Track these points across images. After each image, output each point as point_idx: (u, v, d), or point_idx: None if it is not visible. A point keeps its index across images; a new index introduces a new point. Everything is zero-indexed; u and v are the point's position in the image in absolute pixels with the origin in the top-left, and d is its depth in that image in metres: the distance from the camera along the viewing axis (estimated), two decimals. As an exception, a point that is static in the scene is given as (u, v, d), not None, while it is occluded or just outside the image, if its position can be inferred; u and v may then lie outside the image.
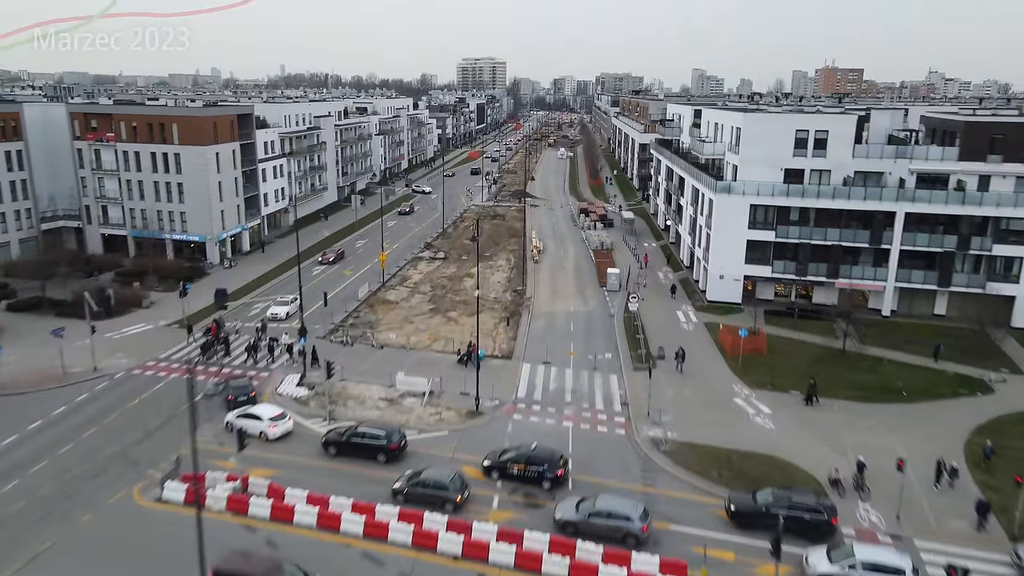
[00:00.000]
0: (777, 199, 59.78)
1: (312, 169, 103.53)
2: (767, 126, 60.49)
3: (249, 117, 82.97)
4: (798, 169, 60.03)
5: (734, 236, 61.40)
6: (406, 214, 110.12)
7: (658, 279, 74.04)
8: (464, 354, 49.72)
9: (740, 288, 62.54)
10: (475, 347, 49.44)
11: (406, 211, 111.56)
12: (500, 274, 75.19)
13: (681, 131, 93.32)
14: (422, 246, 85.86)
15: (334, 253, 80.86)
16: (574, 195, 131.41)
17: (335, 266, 77.70)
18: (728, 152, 65.34)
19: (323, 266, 77.42)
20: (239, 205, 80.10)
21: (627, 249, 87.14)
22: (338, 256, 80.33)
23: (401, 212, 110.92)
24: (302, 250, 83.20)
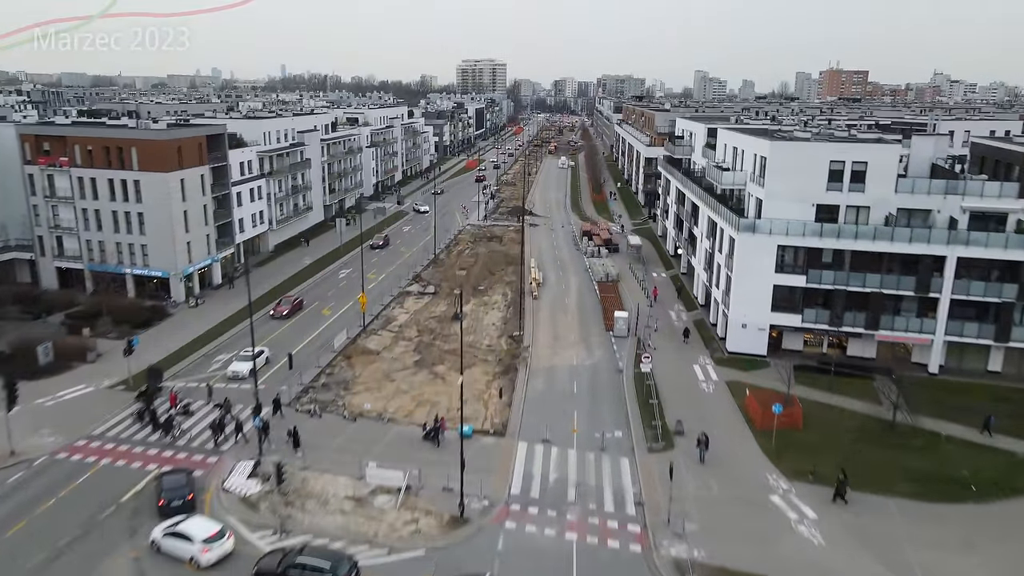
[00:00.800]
0: (809, 239, 52.51)
1: (295, 189, 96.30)
2: (797, 156, 53.23)
3: (220, 137, 75.68)
4: (832, 205, 52.79)
5: (759, 280, 54.15)
6: (379, 247, 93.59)
7: (670, 319, 66.78)
8: (431, 430, 42.52)
9: (765, 338, 55.29)
10: (443, 422, 42.62)
11: (379, 244, 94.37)
12: (495, 313, 67.88)
13: (692, 150, 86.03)
14: (410, 277, 78.51)
15: (289, 304, 66.85)
16: (576, 212, 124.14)
17: (290, 320, 65.08)
18: (750, 183, 58.09)
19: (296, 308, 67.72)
20: (209, 235, 72.85)
21: (634, 280, 79.88)
22: (294, 307, 66.82)
23: (374, 245, 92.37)
24: (279, 282, 77.44)
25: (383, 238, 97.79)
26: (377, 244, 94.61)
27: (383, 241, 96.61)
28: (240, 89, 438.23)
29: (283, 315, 65.50)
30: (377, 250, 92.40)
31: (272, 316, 65.27)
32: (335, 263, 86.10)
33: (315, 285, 76.53)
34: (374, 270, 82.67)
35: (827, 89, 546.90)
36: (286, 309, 66.31)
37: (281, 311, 66.06)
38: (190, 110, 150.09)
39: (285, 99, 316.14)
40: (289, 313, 66.05)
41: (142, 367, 51.23)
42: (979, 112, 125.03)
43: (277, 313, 65.72)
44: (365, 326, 62.54)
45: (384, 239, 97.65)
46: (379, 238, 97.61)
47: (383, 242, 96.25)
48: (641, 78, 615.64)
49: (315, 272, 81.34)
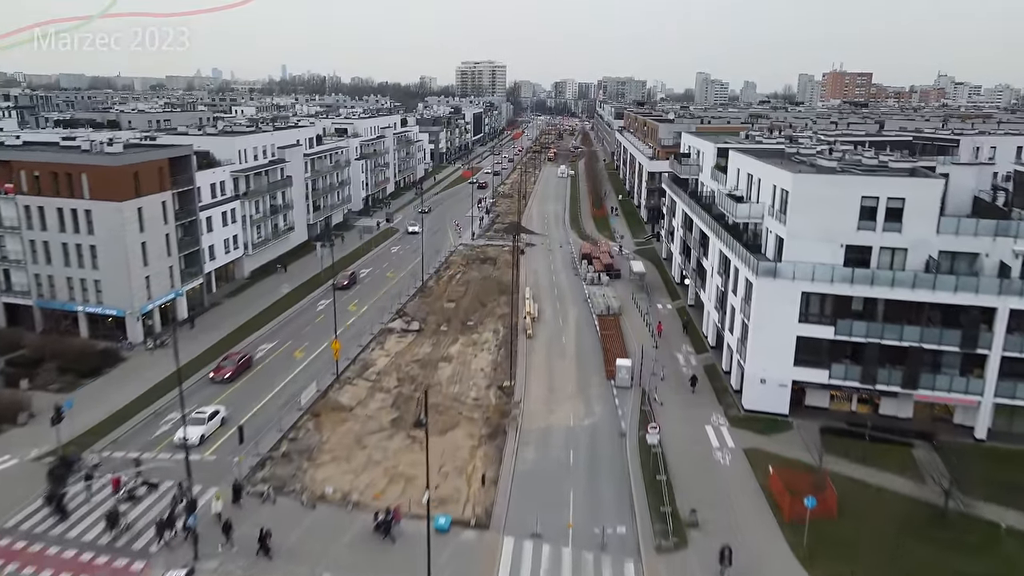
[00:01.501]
0: (838, 286, 46.15)
1: (274, 209, 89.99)
2: (824, 190, 46.86)
3: (187, 159, 69.41)
4: (864, 246, 46.44)
5: (780, 331, 47.79)
6: (344, 288, 78.66)
7: (676, 363, 60.42)
8: (381, 521, 36.16)
9: (787, 396, 48.90)
10: (397, 513, 36.63)
11: (343, 283, 79.25)
12: (485, 356, 61.50)
13: (700, 169, 79.66)
14: (394, 311, 72.07)
15: (233, 364, 55.88)
16: (575, 228, 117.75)
17: (238, 381, 55.14)
18: (769, 217, 51.73)
19: (243, 367, 57.22)
20: (173, 266, 66.55)
21: (637, 312, 73.51)
22: (240, 366, 56.20)
23: (337, 285, 75.40)
24: (249, 317, 69.81)
25: (348, 276, 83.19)
26: (341, 283, 78.89)
27: (348, 280, 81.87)
28: (236, 92, 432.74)
29: (225, 378, 54.85)
30: (345, 290, 78.55)
31: (212, 380, 54.78)
32: (315, 291, 79.64)
33: (290, 320, 70.13)
34: (355, 300, 76.36)
35: (830, 91, 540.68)
36: (229, 371, 55.38)
37: (223, 374, 55.06)
38: (174, 120, 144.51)
39: (280, 103, 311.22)
40: (234, 375, 55.40)
41: (78, 432, 44.99)
42: (999, 125, 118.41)
43: (218, 376, 54.91)
44: (339, 374, 56.15)
45: (350, 277, 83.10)
46: (344, 276, 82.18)
47: (348, 281, 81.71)
48: (642, 80, 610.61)
49: (292, 303, 74.93)
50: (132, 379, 54.79)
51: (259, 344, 62.87)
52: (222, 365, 56.42)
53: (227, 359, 57.41)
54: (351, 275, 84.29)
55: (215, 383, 54.49)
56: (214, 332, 64.27)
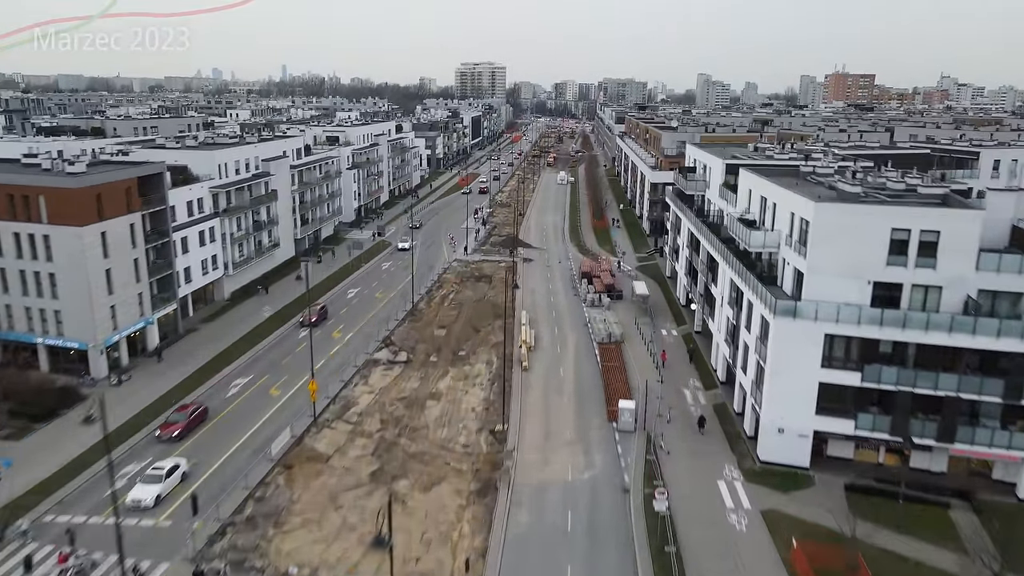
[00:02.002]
0: (865, 328, 41.59)
1: (257, 225, 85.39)
2: (849, 221, 42.24)
3: (159, 177, 64.86)
4: (893, 283, 41.84)
5: (801, 377, 43.23)
6: (313, 325, 65.62)
7: (683, 400, 55.90)
8: None
9: (807, 448, 44.32)
10: None
11: (311, 321, 65.66)
12: (476, 393, 56.91)
13: (707, 185, 75.04)
14: (380, 340, 67.43)
15: (184, 418, 48.86)
16: (575, 241, 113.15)
17: (184, 442, 47.74)
18: (786, 247, 47.12)
19: (196, 421, 50.29)
20: (142, 292, 62.02)
21: (640, 339, 68.95)
22: (194, 418, 49.46)
23: (303, 323, 68.26)
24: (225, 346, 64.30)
25: (318, 310, 72.00)
26: (308, 321, 65.68)
27: (317, 316, 69.96)
28: (232, 95, 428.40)
29: (173, 436, 47.38)
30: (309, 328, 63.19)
31: (159, 438, 47.56)
32: (299, 315, 75.01)
33: (269, 349, 65.52)
34: (341, 326, 71.78)
35: (832, 93, 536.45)
36: (179, 427, 47.89)
37: (171, 431, 47.53)
38: (161, 128, 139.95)
39: (277, 106, 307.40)
40: (185, 431, 48.17)
41: (17, 493, 40.44)
42: (1020, 136, 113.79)
43: (165, 433, 47.52)
44: (316, 417, 51.54)
45: (320, 311, 72.32)
46: (313, 310, 68.55)
47: (317, 317, 69.68)
48: (643, 81, 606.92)
49: (273, 328, 70.34)
50: (91, 422, 50.15)
51: (233, 379, 58.24)
52: (170, 420, 49.19)
53: (179, 411, 50.20)
54: (320, 309, 73.39)
55: (162, 442, 47.53)
56: (182, 366, 59.61)
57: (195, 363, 60.68)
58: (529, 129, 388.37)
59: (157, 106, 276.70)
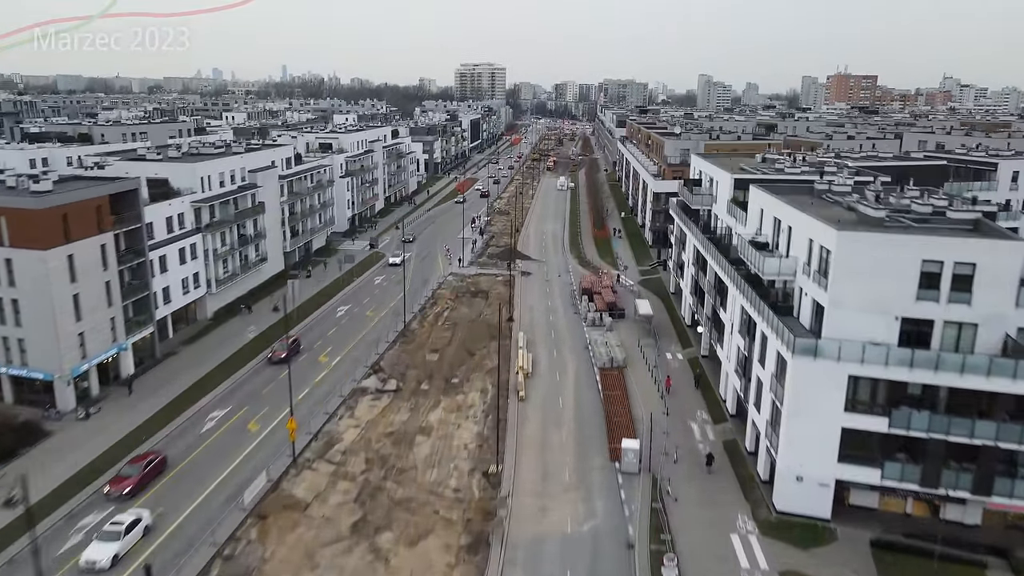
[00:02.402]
0: (893, 370, 37.92)
1: (243, 240, 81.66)
2: (875, 252, 38.53)
3: (133, 194, 61.22)
4: (924, 320, 38.17)
5: (821, 421, 39.56)
6: (283, 361, 60.32)
7: (690, 434, 52.27)
8: None
9: (829, 497, 40.63)
10: None
11: (279, 357, 61.61)
12: (470, 426, 53.21)
13: (714, 200, 71.29)
14: (369, 365, 63.69)
15: (138, 471, 43.32)
16: (575, 253, 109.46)
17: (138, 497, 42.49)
18: (803, 276, 43.42)
19: (153, 473, 44.85)
20: (115, 316, 58.35)
21: (643, 364, 65.28)
22: (150, 470, 44.01)
23: (272, 359, 62.60)
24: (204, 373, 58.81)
25: (290, 344, 63.02)
26: (277, 357, 61.71)
27: (287, 351, 61.69)
28: (231, 96, 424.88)
29: (124, 494, 42.03)
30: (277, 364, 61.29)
31: (107, 495, 42.15)
32: (268, 349, 71.14)
33: (250, 376, 61.68)
34: (328, 349, 68.09)
35: (834, 94, 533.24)
36: (131, 483, 42.43)
37: (122, 487, 42.18)
38: (151, 133, 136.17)
39: (274, 108, 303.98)
40: (136, 488, 42.63)
41: (-38, 553, 36.75)
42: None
43: (114, 490, 42.12)
44: (296, 456, 47.83)
45: (292, 345, 63.49)
46: (282, 344, 62.62)
47: (287, 352, 61.45)
48: (644, 82, 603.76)
49: (256, 351, 66.52)
50: (52, 462, 46.48)
51: (210, 411, 54.53)
52: (122, 474, 43.58)
53: (133, 463, 44.63)
54: (293, 343, 64.61)
55: (111, 499, 42.05)
56: (156, 397, 55.86)
57: (170, 393, 56.96)
58: (529, 131, 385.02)
59: (152, 108, 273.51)
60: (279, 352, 62.83)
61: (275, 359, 62.96)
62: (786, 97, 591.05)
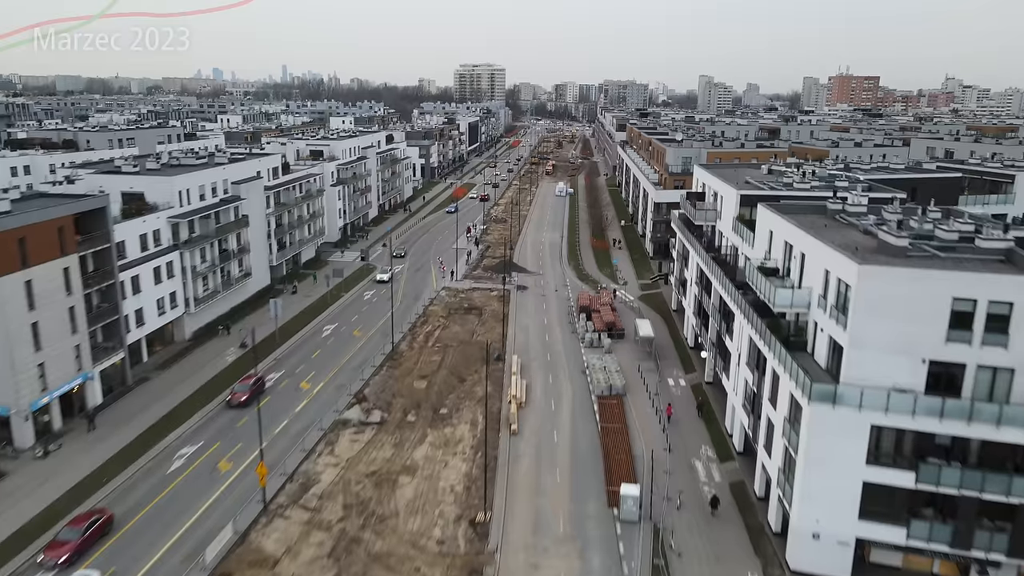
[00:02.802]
0: (921, 421, 34.24)
1: (225, 255, 78.00)
2: (901, 288, 34.84)
3: (101, 212, 57.61)
4: (955, 364, 34.48)
5: (840, 474, 35.90)
6: (243, 405, 55.61)
7: (694, 473, 48.59)
8: None
9: (848, 557, 36.94)
10: None
11: (241, 399, 56.11)
12: (458, 464, 49.50)
13: (719, 216, 67.58)
14: (352, 394, 59.98)
15: (77, 536, 38.26)
16: (573, 264, 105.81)
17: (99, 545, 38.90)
18: (819, 311, 39.71)
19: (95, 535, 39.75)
20: (80, 344, 54.71)
21: (644, 389, 61.70)
22: (91, 534, 38.88)
23: (231, 402, 56.36)
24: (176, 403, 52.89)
25: (251, 384, 57.36)
26: (237, 400, 56.18)
27: (248, 392, 56.48)
28: (228, 97, 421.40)
29: (60, 562, 36.96)
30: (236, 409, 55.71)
31: (42, 563, 37.19)
32: (267, 359, 67.76)
33: (223, 408, 57.63)
34: (311, 374, 64.46)
35: (836, 95, 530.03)
36: (68, 549, 37.44)
37: (57, 555, 37.16)
38: (138, 140, 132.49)
39: (270, 111, 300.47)
40: (74, 554, 37.68)
41: None
42: None
43: (49, 558, 37.15)
44: (267, 503, 44.14)
45: (254, 385, 57.45)
46: (243, 386, 57.57)
47: (248, 395, 56.37)
48: (644, 83, 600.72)
49: (234, 376, 62.78)
50: (5, 507, 42.83)
51: (179, 448, 50.82)
52: (60, 539, 38.46)
53: (74, 524, 39.39)
54: (256, 382, 58.06)
55: (48, 569, 37.08)
56: (121, 433, 52.11)
57: (138, 426, 53.28)
58: (528, 132, 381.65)
59: (146, 111, 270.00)
60: (239, 395, 56.91)
61: (235, 403, 56.49)
62: (787, 98, 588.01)
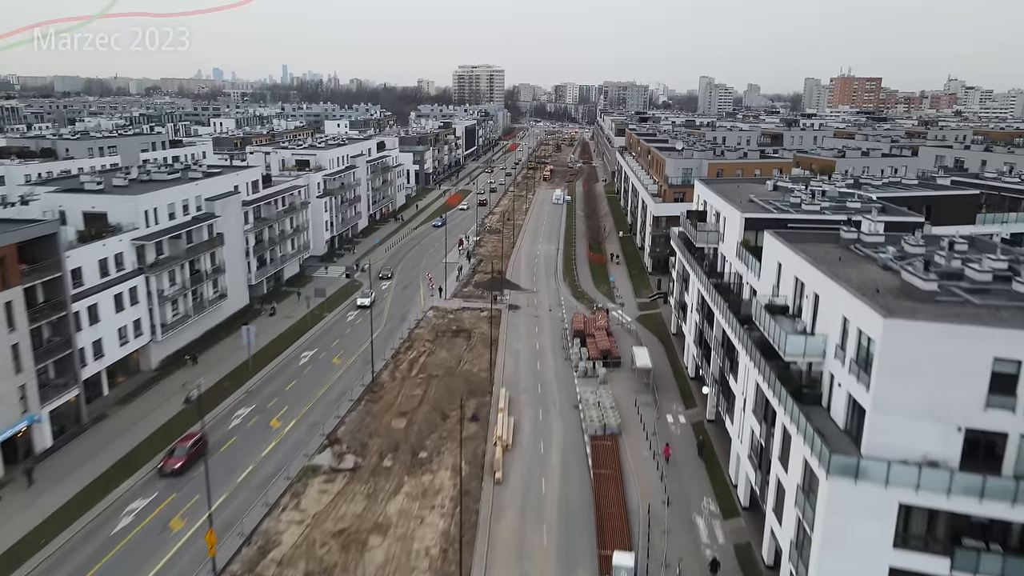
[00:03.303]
0: (957, 500, 29.71)
1: (197, 277, 73.49)
2: (932, 346, 30.31)
3: (52, 238, 53.13)
4: (994, 433, 29.97)
5: (863, 558, 31.35)
6: (176, 472, 48.35)
7: (694, 531, 44.08)
8: None
9: (872, 650, 32.39)
10: None
11: (174, 467, 48.47)
12: (435, 520, 44.96)
13: (721, 239, 63.01)
14: (324, 435, 55.42)
15: None
16: (568, 280, 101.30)
17: None
18: (837, 363, 35.16)
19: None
20: (25, 384, 50.22)
21: (640, 427, 57.29)
22: None
23: (164, 470, 48.46)
24: (129, 448, 47.61)
25: (190, 447, 49.63)
26: (170, 467, 48.48)
27: (185, 457, 48.87)
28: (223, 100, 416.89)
29: None
30: (168, 477, 48.18)
31: None
32: (237, 392, 63.33)
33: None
34: (284, 410, 59.95)
35: (838, 96, 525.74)
36: None
37: None
38: (120, 148, 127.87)
39: (265, 114, 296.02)
40: None
41: None
42: None
43: None
44: (218, 573, 39.60)
45: (192, 447, 49.65)
46: (181, 448, 49.63)
47: (185, 459, 48.81)
48: (644, 84, 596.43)
49: (205, 411, 57.94)
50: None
51: (130, 501, 46.22)
52: None
53: None
54: (195, 442, 50.05)
55: None
56: (62, 487, 47.39)
57: (87, 474, 48.78)
58: (527, 135, 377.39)
59: (138, 114, 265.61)
60: (174, 461, 48.96)
61: (167, 470, 48.46)
62: (788, 99, 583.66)
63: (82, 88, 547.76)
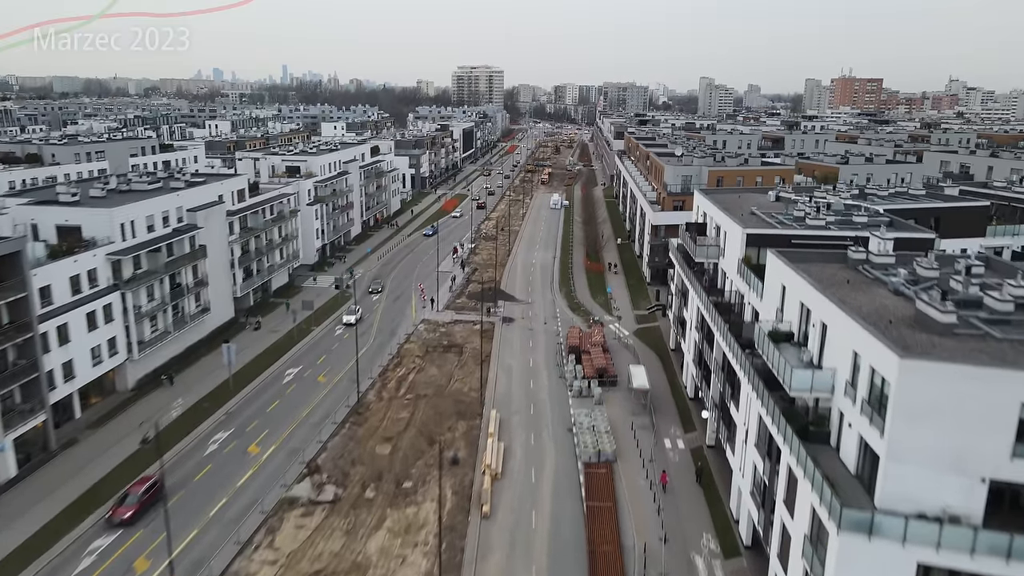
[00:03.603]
0: (982, 561, 27.00)
1: (178, 291, 70.83)
2: (953, 388, 27.62)
3: (16, 256, 50.45)
4: (1021, 485, 27.28)
5: (877, 619, 28.64)
6: (127, 522, 43.61)
7: (694, 572, 41.33)
8: None
9: None
10: None
11: (124, 516, 43.77)
12: (416, 562, 42.18)
13: (722, 254, 60.31)
14: (304, 463, 52.72)
15: None
16: (564, 291, 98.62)
17: None
18: (847, 402, 32.46)
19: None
20: (-13, 412, 47.58)
21: (636, 452, 54.62)
22: None
23: (112, 518, 43.73)
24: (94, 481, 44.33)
25: (142, 494, 44.89)
26: (119, 516, 43.72)
27: (137, 506, 44.10)
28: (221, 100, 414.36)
29: None
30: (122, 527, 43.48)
31: None
32: (217, 413, 60.68)
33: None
34: (263, 434, 57.28)
35: (839, 97, 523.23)
36: None
37: None
38: (108, 153, 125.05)
39: (261, 115, 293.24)
40: None
41: None
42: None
43: None
44: (182, 623, 36.93)
45: (145, 493, 45.02)
46: (134, 495, 44.79)
47: (137, 507, 44.07)
48: (644, 85, 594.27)
49: (175, 439, 55.51)
50: None
51: (91, 540, 43.38)
52: None
53: None
54: (148, 489, 45.39)
55: None
56: (21, 523, 44.14)
57: (50, 508, 46.00)
58: (526, 136, 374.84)
59: (133, 116, 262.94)
60: (124, 510, 44.07)
61: (116, 520, 43.70)
62: (789, 99, 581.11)
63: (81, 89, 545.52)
